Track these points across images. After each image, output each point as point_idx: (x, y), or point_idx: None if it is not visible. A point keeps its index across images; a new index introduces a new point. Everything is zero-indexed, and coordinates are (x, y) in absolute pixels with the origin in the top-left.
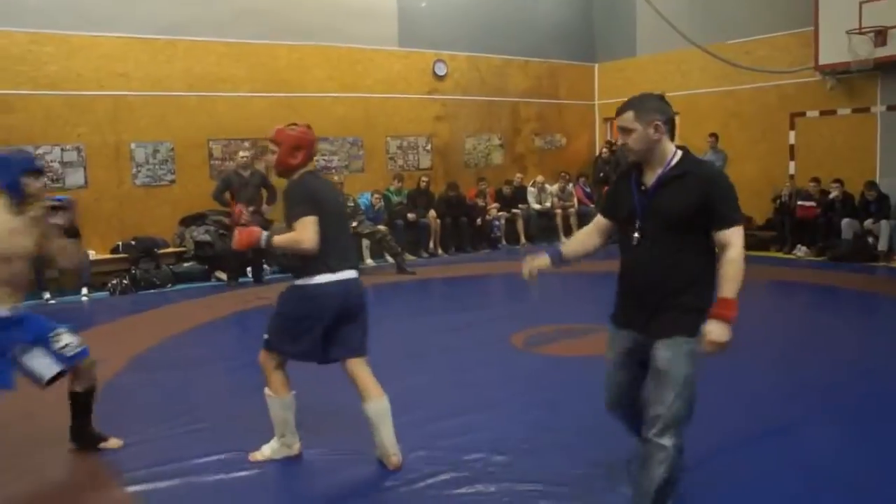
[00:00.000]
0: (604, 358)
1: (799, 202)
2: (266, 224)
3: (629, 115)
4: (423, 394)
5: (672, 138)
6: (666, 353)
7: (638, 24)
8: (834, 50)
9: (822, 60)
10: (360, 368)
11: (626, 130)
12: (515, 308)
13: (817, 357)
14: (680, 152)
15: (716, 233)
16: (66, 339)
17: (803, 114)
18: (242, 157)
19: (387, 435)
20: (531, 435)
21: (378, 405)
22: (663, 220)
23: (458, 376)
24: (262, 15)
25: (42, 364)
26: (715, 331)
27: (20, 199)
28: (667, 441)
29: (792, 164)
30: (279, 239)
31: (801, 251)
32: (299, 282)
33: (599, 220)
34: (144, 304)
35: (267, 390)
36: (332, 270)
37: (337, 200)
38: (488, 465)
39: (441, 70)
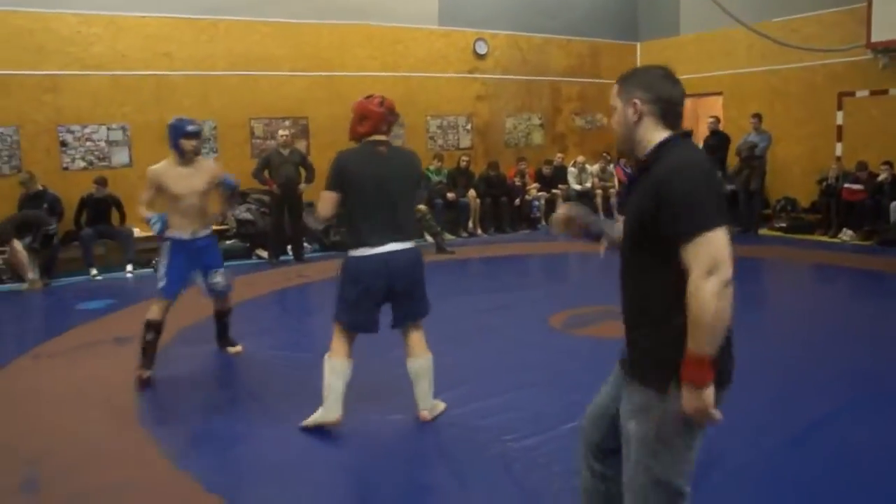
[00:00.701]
0: None
1: (846, 185)
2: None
3: (614, 89)
4: (461, 374)
5: (669, 125)
6: (624, 407)
7: (682, 1)
8: (887, 27)
9: (875, 38)
10: (411, 331)
11: (612, 108)
12: (555, 289)
13: (858, 344)
14: (660, 139)
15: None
16: (219, 279)
17: (852, 93)
18: (282, 136)
19: (419, 391)
20: (569, 417)
21: (415, 363)
22: (626, 231)
23: (497, 357)
24: None
25: (202, 286)
26: (684, 399)
27: (182, 155)
28: None
29: (839, 146)
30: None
31: (846, 235)
32: (348, 253)
33: None
34: None
35: (328, 353)
36: (372, 245)
37: (377, 176)
38: (526, 447)
39: (481, 49)
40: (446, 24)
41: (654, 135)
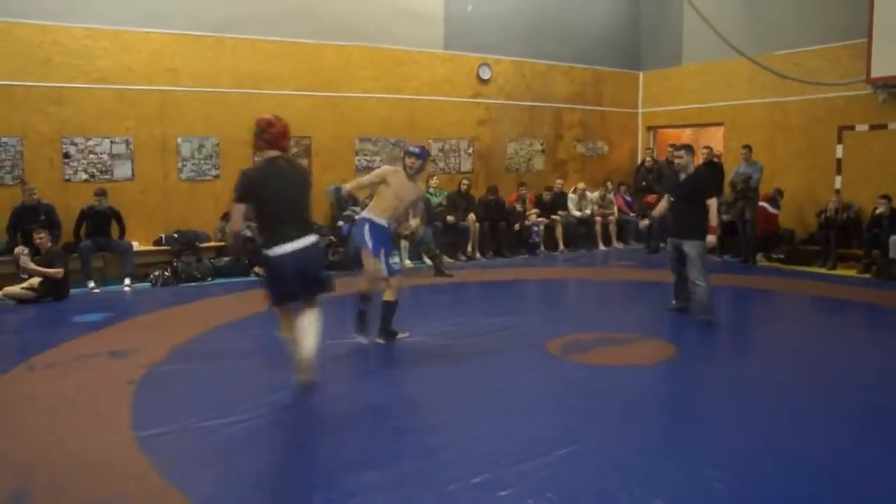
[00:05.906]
0: None
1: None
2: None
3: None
4: (455, 397)
5: None
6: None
7: (685, 32)
8: (887, 62)
9: (875, 73)
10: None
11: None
12: (553, 314)
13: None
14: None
15: None
16: (395, 259)
17: (852, 127)
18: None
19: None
20: (564, 442)
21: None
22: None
23: (492, 381)
24: (310, 15)
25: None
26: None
27: (405, 170)
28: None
29: (838, 179)
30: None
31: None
32: None
33: None
34: (185, 297)
35: None
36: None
37: (281, 186)
38: (520, 472)
39: (485, 74)
40: (451, 49)
41: None
